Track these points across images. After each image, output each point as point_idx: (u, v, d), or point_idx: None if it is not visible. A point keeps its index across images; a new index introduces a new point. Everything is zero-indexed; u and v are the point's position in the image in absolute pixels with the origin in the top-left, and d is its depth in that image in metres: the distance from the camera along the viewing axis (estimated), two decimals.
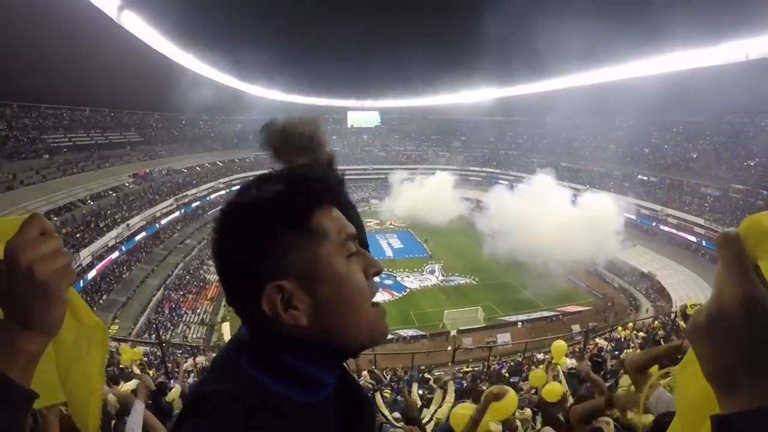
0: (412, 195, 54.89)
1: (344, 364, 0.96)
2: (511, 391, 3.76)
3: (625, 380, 5.45)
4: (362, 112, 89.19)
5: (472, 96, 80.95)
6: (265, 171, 0.86)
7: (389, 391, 8.50)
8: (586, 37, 44.48)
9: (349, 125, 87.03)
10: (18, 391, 0.72)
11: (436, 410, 5.94)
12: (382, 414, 5.67)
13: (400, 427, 4.34)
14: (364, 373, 12.75)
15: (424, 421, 5.52)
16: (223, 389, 0.78)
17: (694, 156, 49.75)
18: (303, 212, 0.81)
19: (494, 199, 47.16)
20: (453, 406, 5.18)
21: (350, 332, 0.84)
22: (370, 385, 10.66)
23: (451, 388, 6.81)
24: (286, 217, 0.79)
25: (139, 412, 3.59)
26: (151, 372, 13.58)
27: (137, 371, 10.85)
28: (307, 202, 0.82)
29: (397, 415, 6.25)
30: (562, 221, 37.27)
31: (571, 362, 10.10)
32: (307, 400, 0.82)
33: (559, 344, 8.64)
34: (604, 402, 2.97)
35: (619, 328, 19.81)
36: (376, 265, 0.91)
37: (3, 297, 0.75)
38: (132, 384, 6.72)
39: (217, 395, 0.78)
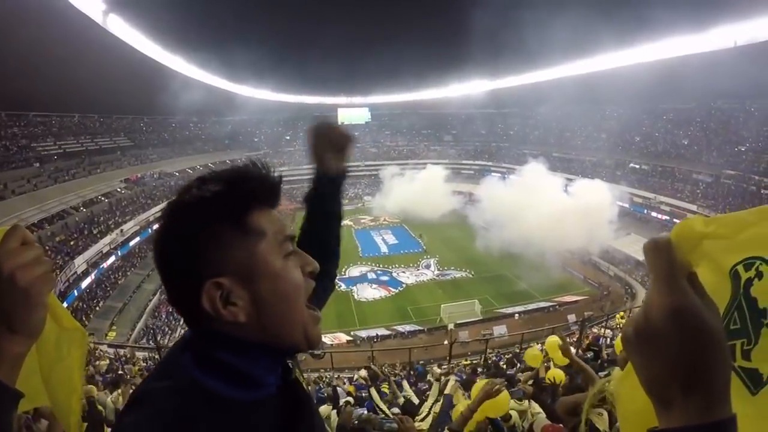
0: (403, 190, 54.84)
1: (290, 365, 0.99)
2: (504, 391, 3.81)
3: (617, 371, 5.46)
4: (352, 109, 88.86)
5: (462, 89, 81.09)
6: (205, 172, 0.89)
7: (387, 387, 8.53)
8: (575, 27, 44.60)
9: (339, 122, 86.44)
10: (5, 390, 0.77)
11: (433, 404, 5.96)
12: (380, 410, 5.70)
13: (393, 418, 4.37)
14: (362, 371, 12.78)
15: (422, 416, 5.54)
16: (163, 386, 0.81)
17: (686, 143, 50.03)
18: (241, 211, 0.85)
19: (486, 191, 47.17)
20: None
21: (285, 330, 0.87)
22: (364, 381, 10.71)
23: (451, 382, 6.84)
24: (225, 215, 0.83)
25: None
26: None
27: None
28: (245, 201, 0.86)
29: (396, 410, 6.29)
30: (555, 210, 37.27)
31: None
32: (245, 397, 0.85)
33: (553, 340, 8.68)
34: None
35: (617, 316, 19.94)
36: (312, 263, 0.94)
37: None
38: (130, 390, 6.75)
39: (157, 391, 0.81)
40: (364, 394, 8.59)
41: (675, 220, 41.36)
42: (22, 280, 0.77)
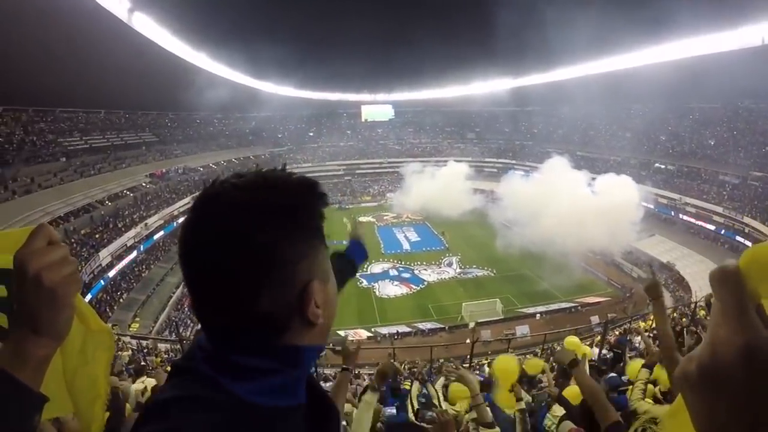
0: (425, 187, 54.71)
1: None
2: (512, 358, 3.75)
3: (643, 374, 5.25)
4: (376, 106, 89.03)
5: (485, 87, 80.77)
6: (263, 169, 0.84)
7: (408, 384, 8.47)
8: (599, 25, 44.17)
9: (363, 119, 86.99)
10: (28, 393, 0.75)
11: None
12: (412, 406, 5.65)
13: (433, 411, 4.34)
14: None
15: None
16: (194, 395, 0.75)
17: (712, 143, 49.10)
18: (321, 214, 0.84)
19: (508, 189, 46.80)
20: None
21: (326, 335, 0.87)
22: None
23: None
24: (316, 215, 0.82)
25: None
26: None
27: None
28: (322, 204, 0.84)
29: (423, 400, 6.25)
30: (578, 208, 36.83)
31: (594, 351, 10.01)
32: (282, 403, 0.80)
33: (572, 340, 8.50)
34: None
35: (641, 323, 19.62)
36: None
37: (14, 305, 0.77)
38: (152, 381, 6.77)
39: (188, 401, 0.74)
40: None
41: (700, 222, 40.75)
42: (48, 281, 0.75)
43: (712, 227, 40.31)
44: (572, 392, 5.49)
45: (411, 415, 4.89)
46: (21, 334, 0.76)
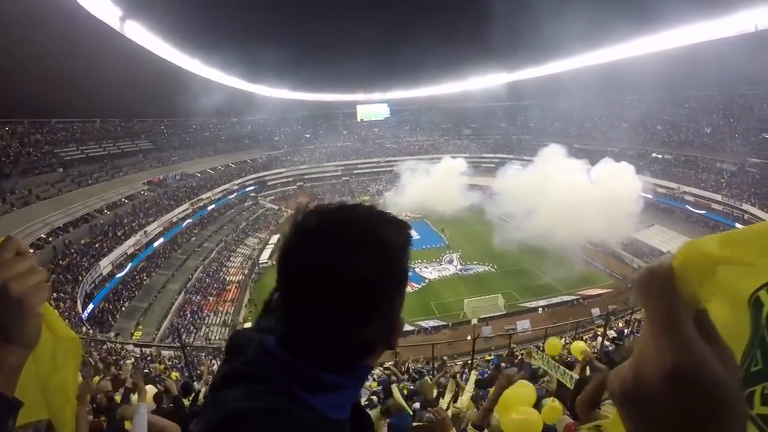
0: (421, 184, 54.66)
1: None
2: (529, 384, 3.72)
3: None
4: (371, 105, 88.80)
5: (481, 82, 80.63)
6: (383, 210, 0.88)
7: (406, 385, 8.51)
8: (592, 16, 44.03)
9: (359, 119, 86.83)
10: (3, 400, 0.78)
11: (451, 399, 5.90)
12: (403, 405, 5.66)
13: (429, 411, 4.36)
14: (386, 364, 12.74)
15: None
16: (274, 408, 0.76)
17: (708, 131, 49.07)
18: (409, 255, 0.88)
19: (505, 183, 46.80)
20: (473, 396, 5.15)
21: None
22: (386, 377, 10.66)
23: (473, 378, 6.77)
24: (408, 258, 0.85)
25: (142, 415, 3.64)
26: (175, 375, 13.72)
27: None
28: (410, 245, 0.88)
29: (417, 405, 6.25)
30: (576, 199, 36.81)
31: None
32: (345, 416, 0.86)
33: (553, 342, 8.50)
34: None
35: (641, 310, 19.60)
36: None
37: None
38: (151, 389, 6.79)
39: (267, 414, 0.75)
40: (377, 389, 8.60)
41: (699, 210, 40.71)
42: (15, 291, 0.78)
43: (711, 215, 40.28)
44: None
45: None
46: None
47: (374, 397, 6.81)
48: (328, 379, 0.80)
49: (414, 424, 4.47)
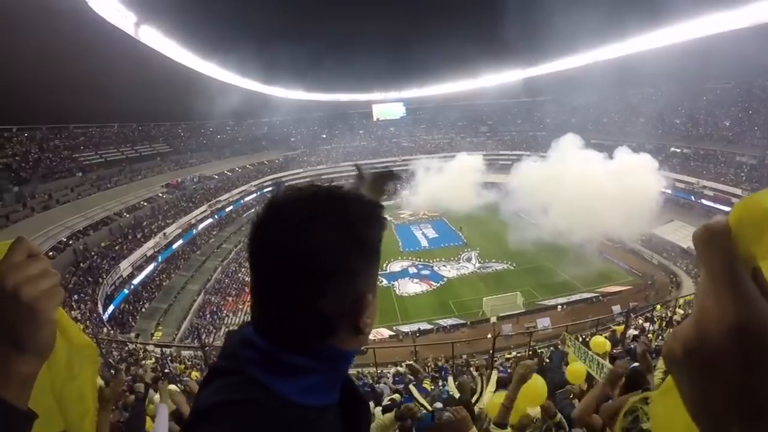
0: (437, 182, 54.58)
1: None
2: (538, 377, 3.66)
3: (660, 364, 5.19)
4: (387, 105, 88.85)
5: (496, 80, 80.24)
6: (313, 182, 0.93)
7: (429, 383, 8.43)
8: (606, 10, 43.57)
9: (374, 119, 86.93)
10: (15, 412, 0.72)
11: (477, 398, 5.83)
12: (422, 405, 5.59)
13: (447, 410, 4.28)
14: (403, 364, 12.71)
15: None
16: (239, 398, 0.77)
17: (727, 124, 48.14)
18: (381, 238, 0.89)
19: (520, 178, 46.49)
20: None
21: (366, 341, 0.91)
22: (401, 377, 10.60)
23: (494, 377, 6.69)
24: (376, 234, 0.86)
25: (163, 415, 3.63)
26: (195, 375, 13.77)
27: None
28: (383, 229, 0.89)
29: (439, 405, 6.18)
30: (594, 193, 36.42)
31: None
32: (322, 403, 0.84)
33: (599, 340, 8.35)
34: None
35: (658, 306, 19.33)
36: None
37: None
38: (172, 387, 6.79)
39: (233, 405, 0.76)
40: (399, 387, 8.53)
41: (719, 205, 40.01)
42: (26, 296, 0.73)
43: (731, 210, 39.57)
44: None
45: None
46: (2, 352, 0.73)
47: (397, 396, 6.73)
48: (289, 360, 0.80)
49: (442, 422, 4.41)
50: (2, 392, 0.71)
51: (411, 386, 6.76)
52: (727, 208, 38.70)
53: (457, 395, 6.73)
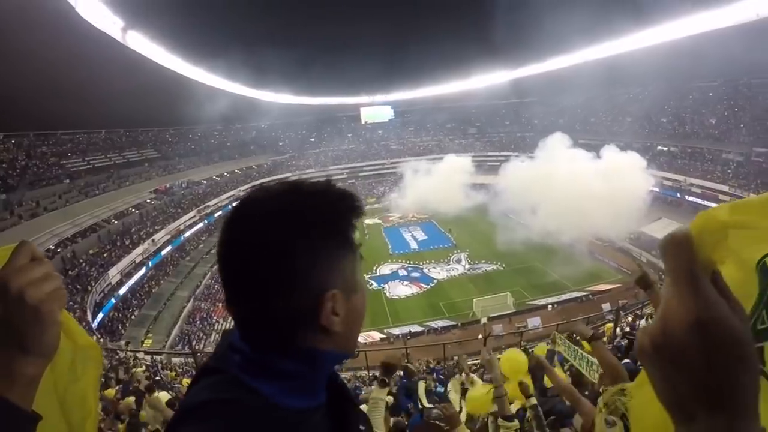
0: (423, 184, 54.69)
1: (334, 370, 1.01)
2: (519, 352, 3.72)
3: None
4: (375, 108, 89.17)
5: (483, 81, 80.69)
6: (296, 179, 0.89)
7: (424, 384, 8.49)
8: (593, 10, 43.97)
9: (363, 122, 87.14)
10: (19, 413, 0.73)
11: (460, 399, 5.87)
12: (421, 403, 5.64)
13: (436, 407, 4.34)
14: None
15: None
16: (223, 397, 0.79)
17: (713, 122, 48.70)
18: (351, 224, 0.86)
19: (508, 178, 46.66)
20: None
21: (355, 339, 0.91)
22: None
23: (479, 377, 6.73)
24: (341, 227, 0.84)
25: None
26: (187, 381, 13.72)
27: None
28: (353, 216, 0.86)
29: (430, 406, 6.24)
30: (582, 192, 36.63)
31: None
32: (306, 404, 0.85)
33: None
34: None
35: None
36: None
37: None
38: (165, 395, 6.79)
39: (217, 404, 0.78)
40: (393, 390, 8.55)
41: (706, 202, 40.42)
42: (31, 298, 0.73)
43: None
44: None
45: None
46: (7, 354, 0.74)
47: (390, 398, 6.75)
48: (270, 363, 0.81)
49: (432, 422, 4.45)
50: (7, 393, 0.71)
51: (420, 383, 6.81)
52: (714, 205, 39.31)
53: (450, 395, 6.78)
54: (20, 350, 0.74)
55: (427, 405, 5.98)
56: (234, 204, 0.82)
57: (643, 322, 15.56)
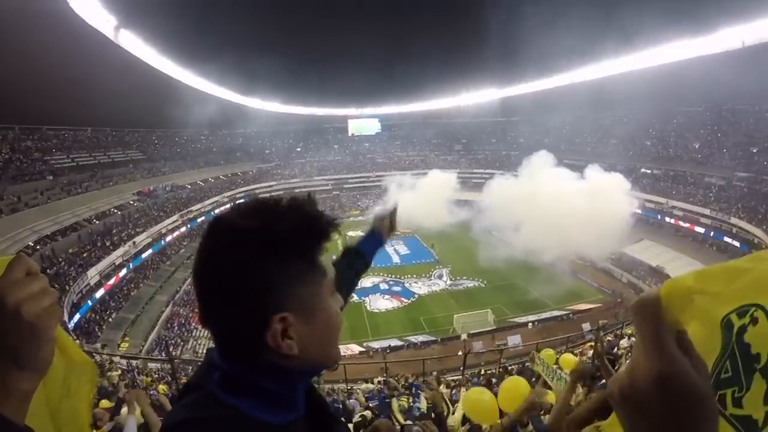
0: (407, 199, 54.73)
1: (312, 383, 1.04)
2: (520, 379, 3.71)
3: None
4: (363, 120, 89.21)
5: (471, 98, 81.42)
6: (266, 196, 0.92)
7: (405, 399, 8.46)
8: (581, 34, 44.75)
9: (350, 133, 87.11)
10: (12, 428, 0.73)
11: (448, 414, 5.88)
12: (397, 421, 5.62)
13: (417, 425, 4.33)
14: (377, 379, 12.69)
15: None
16: (202, 415, 0.80)
17: (697, 146, 49.65)
18: (314, 249, 0.86)
19: (492, 195, 46.77)
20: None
21: (325, 359, 0.91)
22: (377, 393, 10.60)
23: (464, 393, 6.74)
24: (300, 252, 0.84)
25: (131, 426, 3.64)
26: (163, 388, 13.55)
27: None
28: (319, 238, 0.86)
29: (409, 422, 6.22)
30: (564, 211, 36.83)
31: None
32: (283, 419, 0.87)
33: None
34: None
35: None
36: (341, 301, 0.98)
37: None
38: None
39: (196, 421, 0.80)
40: (372, 404, 8.54)
41: (688, 224, 41.08)
42: (28, 313, 0.73)
43: (700, 229, 40.78)
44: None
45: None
46: (2, 368, 0.73)
47: (368, 413, 6.74)
48: (244, 379, 0.83)
49: None
50: (2, 408, 0.71)
51: (394, 400, 6.79)
52: (697, 228, 39.85)
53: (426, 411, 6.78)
54: (15, 365, 0.73)
55: (405, 422, 5.98)
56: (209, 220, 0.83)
57: (624, 341, 15.71)
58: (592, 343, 14.19)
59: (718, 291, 0.74)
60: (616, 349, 13.92)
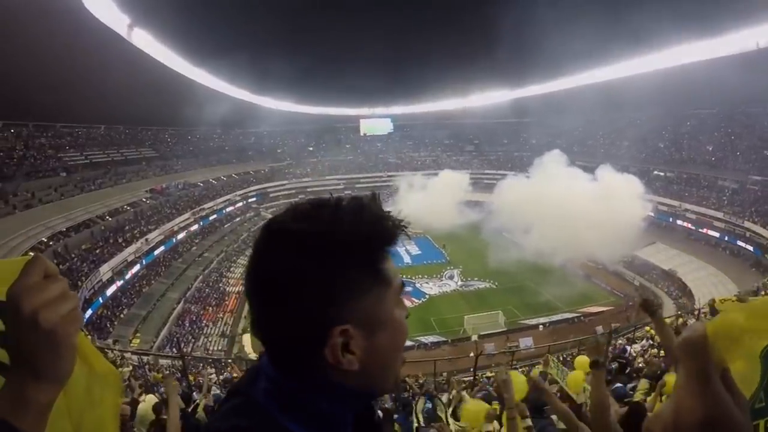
0: (417, 199, 54.60)
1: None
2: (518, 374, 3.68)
3: (642, 384, 5.30)
4: (375, 120, 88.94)
5: (483, 99, 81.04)
6: (326, 196, 0.82)
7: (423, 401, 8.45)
8: (594, 36, 44.44)
9: (362, 133, 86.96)
10: None
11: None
12: (418, 421, 5.58)
13: (432, 426, 4.29)
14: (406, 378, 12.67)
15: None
16: (244, 427, 0.76)
17: (710, 149, 49.26)
18: (379, 258, 0.79)
19: (504, 197, 46.67)
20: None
21: (387, 377, 0.84)
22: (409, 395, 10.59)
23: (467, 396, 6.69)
24: (365, 261, 0.77)
25: (174, 407, 3.69)
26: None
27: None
28: (384, 243, 0.80)
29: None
30: (577, 214, 36.68)
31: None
32: None
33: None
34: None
35: (647, 328, 19.49)
36: (407, 310, 0.88)
37: (9, 343, 0.69)
38: (152, 398, 6.72)
39: None
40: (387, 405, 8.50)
41: (701, 228, 40.68)
42: (46, 321, 0.66)
43: (713, 233, 40.41)
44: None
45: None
46: (20, 380, 0.67)
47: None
48: (292, 392, 0.78)
49: None
50: (19, 422, 0.65)
51: (420, 400, 6.75)
52: (711, 232, 39.45)
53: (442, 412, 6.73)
54: (32, 376, 0.67)
55: (422, 424, 5.93)
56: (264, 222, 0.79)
57: (637, 346, 15.57)
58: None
59: (765, 327, 0.73)
60: (628, 353, 13.82)
